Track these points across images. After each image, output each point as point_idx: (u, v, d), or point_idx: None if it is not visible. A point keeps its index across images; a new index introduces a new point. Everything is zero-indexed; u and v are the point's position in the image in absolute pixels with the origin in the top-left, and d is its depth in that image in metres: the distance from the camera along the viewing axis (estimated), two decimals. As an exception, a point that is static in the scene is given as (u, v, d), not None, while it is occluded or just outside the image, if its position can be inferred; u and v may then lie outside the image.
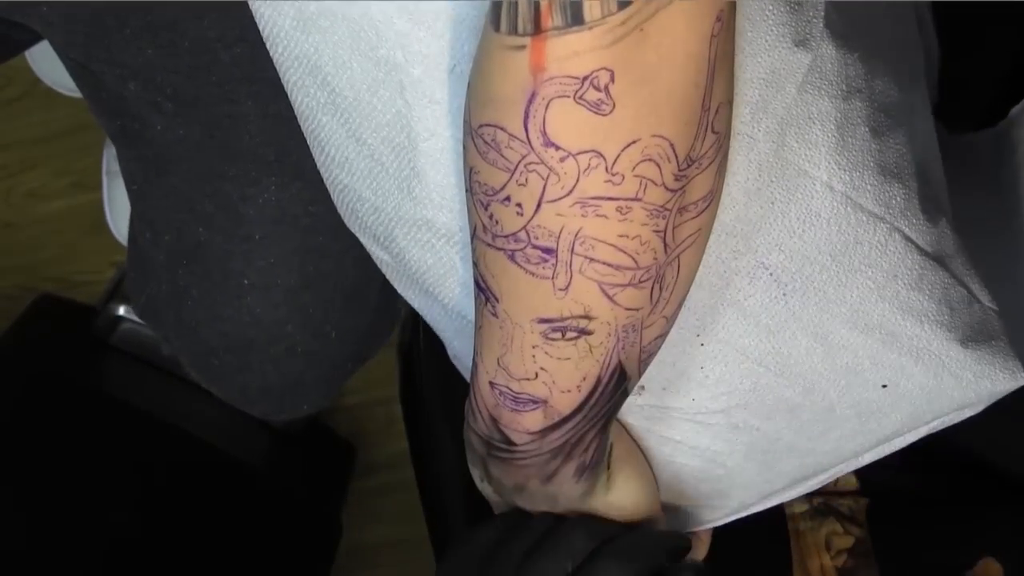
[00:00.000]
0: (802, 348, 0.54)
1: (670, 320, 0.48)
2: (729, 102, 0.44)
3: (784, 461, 0.60)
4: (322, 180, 0.69)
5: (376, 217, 0.54)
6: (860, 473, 0.69)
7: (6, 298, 1.40)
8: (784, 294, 0.53)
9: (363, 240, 0.58)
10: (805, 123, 0.50)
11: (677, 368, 0.55)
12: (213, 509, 1.23)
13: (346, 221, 0.57)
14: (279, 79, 0.63)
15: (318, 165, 0.55)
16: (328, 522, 1.33)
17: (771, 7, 0.48)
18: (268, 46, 0.52)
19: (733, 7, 0.41)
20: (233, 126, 0.66)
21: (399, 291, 0.60)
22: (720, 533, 0.65)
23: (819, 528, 0.70)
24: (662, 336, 0.49)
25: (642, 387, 0.55)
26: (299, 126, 0.66)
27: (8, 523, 1.12)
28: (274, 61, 0.52)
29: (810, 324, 0.54)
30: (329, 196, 0.70)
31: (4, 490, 1.15)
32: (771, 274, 0.53)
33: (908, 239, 0.53)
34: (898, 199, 0.52)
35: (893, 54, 0.56)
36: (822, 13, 0.50)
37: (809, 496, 0.71)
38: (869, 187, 0.51)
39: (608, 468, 0.55)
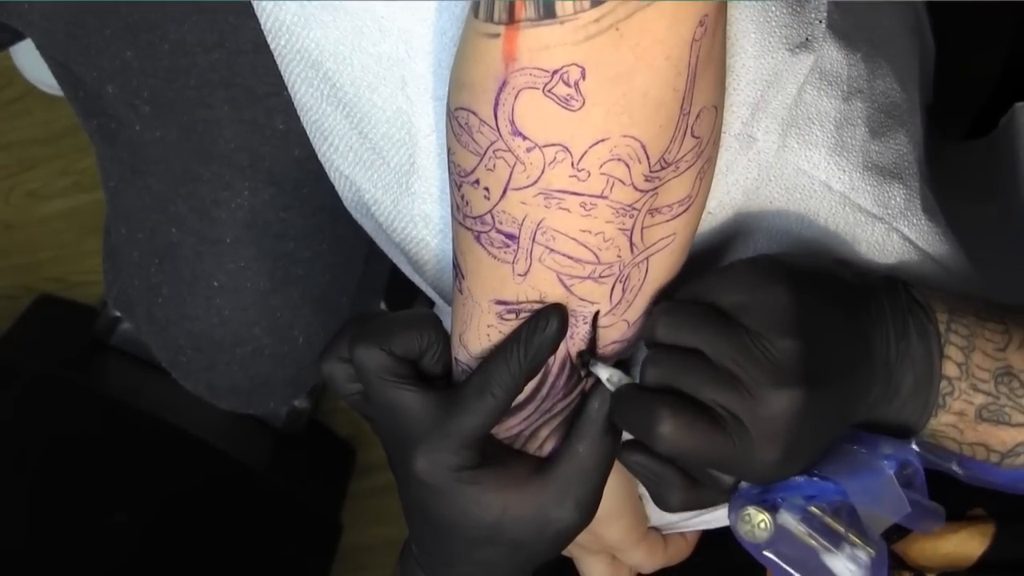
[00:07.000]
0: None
1: (633, 326, 0.48)
2: (715, 107, 0.43)
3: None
4: (295, 187, 0.69)
5: (377, 208, 0.54)
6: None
7: (6, 298, 1.40)
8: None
9: (367, 228, 0.58)
10: (805, 123, 0.50)
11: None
12: (213, 510, 1.23)
13: (350, 209, 0.57)
14: (256, 86, 0.64)
15: (319, 155, 0.55)
16: (328, 522, 1.33)
17: (774, 8, 0.48)
18: (269, 39, 0.52)
19: (720, 12, 0.41)
20: (208, 130, 0.66)
21: (409, 277, 0.60)
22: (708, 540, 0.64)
23: None
24: (623, 341, 0.48)
25: None
26: (274, 133, 0.66)
27: (8, 523, 1.12)
28: (275, 54, 0.52)
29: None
30: (301, 203, 0.70)
31: (4, 490, 1.15)
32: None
33: (906, 239, 0.53)
34: (898, 199, 0.52)
35: (895, 53, 0.56)
36: (824, 14, 0.50)
37: None
38: (868, 187, 0.51)
39: None
